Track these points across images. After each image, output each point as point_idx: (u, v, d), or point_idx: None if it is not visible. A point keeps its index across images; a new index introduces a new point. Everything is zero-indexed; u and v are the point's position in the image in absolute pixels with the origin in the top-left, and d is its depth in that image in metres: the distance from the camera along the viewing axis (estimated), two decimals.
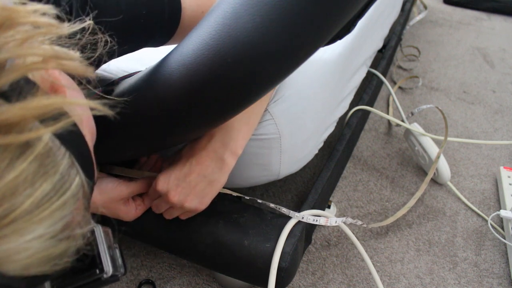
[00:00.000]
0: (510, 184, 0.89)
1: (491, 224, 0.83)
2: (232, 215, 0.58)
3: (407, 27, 1.44)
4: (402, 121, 0.98)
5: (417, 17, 1.51)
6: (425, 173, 0.96)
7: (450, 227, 0.84)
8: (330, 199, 0.89)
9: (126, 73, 0.58)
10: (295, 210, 0.59)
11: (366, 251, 0.78)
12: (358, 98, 0.92)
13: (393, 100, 1.12)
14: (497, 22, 1.68)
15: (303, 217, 0.58)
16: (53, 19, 0.27)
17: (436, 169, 0.89)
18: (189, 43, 0.39)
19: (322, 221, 0.59)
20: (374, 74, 1.02)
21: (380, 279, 0.71)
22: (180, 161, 0.49)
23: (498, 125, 1.13)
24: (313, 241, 0.81)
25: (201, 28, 0.39)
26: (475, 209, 0.87)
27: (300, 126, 0.58)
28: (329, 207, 0.85)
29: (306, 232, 0.61)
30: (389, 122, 1.12)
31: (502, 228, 0.83)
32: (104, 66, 0.61)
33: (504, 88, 1.27)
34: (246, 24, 0.35)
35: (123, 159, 0.56)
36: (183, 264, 0.77)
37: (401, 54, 1.42)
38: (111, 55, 0.38)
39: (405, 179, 0.95)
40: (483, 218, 0.86)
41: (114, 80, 0.52)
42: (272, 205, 0.59)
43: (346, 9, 0.37)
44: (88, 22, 0.33)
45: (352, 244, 0.80)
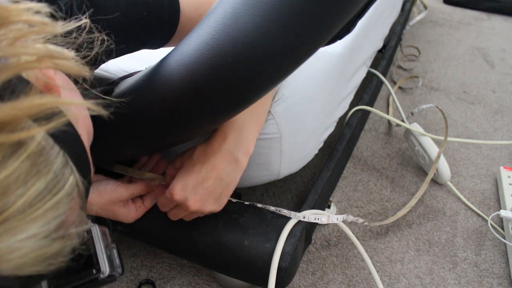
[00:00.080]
0: (510, 184, 0.89)
1: (491, 224, 0.83)
2: (232, 215, 0.58)
3: (407, 27, 1.44)
4: (402, 121, 0.98)
5: (417, 17, 1.51)
6: (425, 173, 0.96)
7: (450, 227, 0.84)
8: (330, 199, 0.89)
9: (126, 73, 0.58)
10: (295, 210, 0.59)
11: (366, 251, 0.78)
12: (358, 98, 0.92)
13: (393, 100, 1.12)
14: (497, 22, 1.68)
15: (304, 217, 0.58)
16: (47, 18, 0.26)
17: (436, 169, 0.89)
18: (189, 43, 0.39)
19: (324, 219, 0.59)
20: (374, 74, 1.02)
21: (380, 279, 0.71)
22: (195, 167, 0.48)
23: (498, 125, 1.13)
24: (313, 241, 0.81)
25: (201, 28, 0.39)
26: (475, 209, 0.87)
27: (300, 126, 0.58)
28: (329, 207, 0.85)
29: (306, 232, 0.61)
30: (389, 122, 1.12)
31: (502, 228, 0.83)
32: (104, 66, 0.61)
33: (504, 88, 1.27)
34: (246, 24, 0.35)
35: (123, 159, 0.56)
36: (183, 264, 0.77)
37: (401, 54, 1.42)
38: (109, 55, 0.38)
39: (405, 179, 0.95)
40: (483, 218, 0.86)
41: (114, 80, 0.52)
42: (273, 208, 0.59)
43: (346, 9, 0.37)
44: (84, 21, 0.33)
45: (352, 244, 0.80)
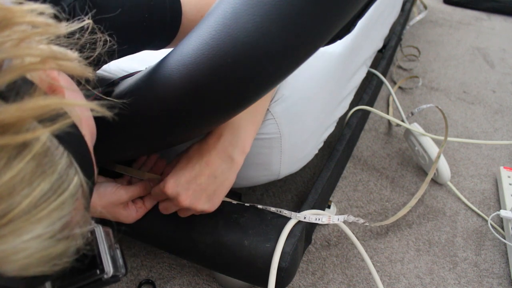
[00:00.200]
0: (510, 184, 0.89)
1: (491, 224, 0.83)
2: (232, 215, 0.58)
3: (407, 27, 1.44)
4: (402, 121, 0.98)
5: (417, 17, 1.51)
6: (425, 173, 0.96)
7: (450, 227, 0.84)
8: (330, 199, 0.89)
9: (126, 73, 0.58)
10: (295, 210, 0.59)
11: (366, 251, 0.78)
12: (358, 98, 0.92)
13: (393, 100, 1.12)
14: (497, 22, 1.68)
15: (305, 217, 0.58)
16: (51, 19, 0.27)
17: (436, 169, 0.89)
18: (189, 43, 0.39)
19: (325, 219, 0.59)
20: (374, 74, 1.02)
21: (380, 279, 0.71)
22: (189, 163, 0.48)
23: (498, 125, 1.13)
24: (313, 241, 0.81)
25: (201, 28, 0.39)
26: (475, 209, 0.87)
27: (300, 126, 0.58)
28: (329, 207, 0.85)
29: (306, 232, 0.61)
30: (389, 122, 1.12)
31: (502, 228, 0.83)
32: (105, 66, 0.61)
33: (504, 88, 1.27)
34: (246, 24, 0.35)
35: (124, 159, 0.56)
36: (183, 264, 0.77)
37: (401, 54, 1.42)
38: (111, 55, 0.38)
39: (405, 179, 0.95)
40: (483, 218, 0.86)
41: (114, 80, 0.52)
42: (273, 209, 0.59)
43: (346, 9, 0.37)
44: (87, 22, 0.33)
45: (352, 244, 0.80)
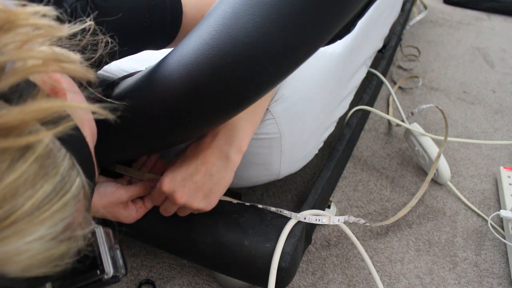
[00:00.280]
0: (510, 184, 0.89)
1: (491, 224, 0.83)
2: (232, 215, 0.58)
3: (407, 27, 1.44)
4: (402, 121, 0.98)
5: (417, 17, 1.51)
6: (425, 173, 0.96)
7: (450, 227, 0.84)
8: (330, 199, 0.89)
9: (126, 73, 0.58)
10: (295, 210, 0.59)
11: (366, 251, 0.78)
12: (358, 98, 0.92)
13: (393, 100, 1.12)
14: (497, 22, 1.68)
15: (305, 218, 0.58)
16: (53, 21, 0.27)
17: (436, 169, 0.89)
18: (189, 43, 0.39)
19: (325, 220, 0.59)
20: (374, 74, 1.02)
21: (380, 279, 0.71)
22: (186, 161, 0.48)
23: (498, 125, 1.13)
24: (313, 241, 0.81)
25: (201, 28, 0.39)
26: (475, 209, 0.87)
27: (300, 126, 0.58)
28: (329, 207, 0.85)
29: (306, 232, 0.61)
30: (389, 122, 1.12)
31: (502, 228, 0.83)
32: (105, 67, 0.61)
33: (504, 88, 1.27)
34: (246, 24, 0.35)
35: (124, 159, 0.56)
36: (183, 264, 0.77)
37: (401, 54, 1.42)
38: (112, 56, 0.38)
39: (405, 179, 0.95)
40: (483, 218, 0.86)
41: (114, 80, 0.52)
42: (274, 209, 0.59)
43: (346, 9, 0.37)
44: (89, 23, 0.33)
45: (352, 244, 0.80)
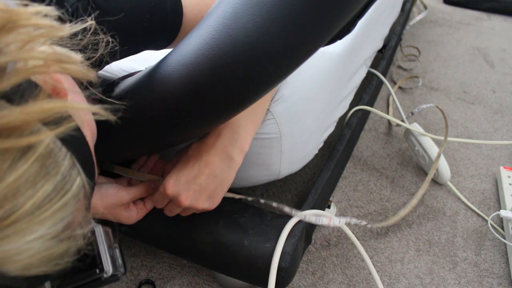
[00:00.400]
0: (510, 184, 0.89)
1: (491, 224, 0.83)
2: (232, 215, 0.58)
3: (407, 27, 1.44)
4: (402, 121, 0.98)
5: (417, 17, 1.51)
6: (425, 173, 0.96)
7: (450, 227, 0.84)
8: (330, 199, 0.89)
9: (126, 73, 0.58)
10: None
11: (366, 251, 0.78)
12: (358, 98, 0.92)
13: (393, 100, 1.12)
14: (497, 22, 1.68)
15: (305, 216, 0.58)
16: (55, 21, 0.27)
17: (436, 169, 0.89)
18: (189, 43, 0.39)
19: (325, 221, 0.59)
20: (374, 74, 1.02)
21: (380, 279, 0.71)
22: (189, 163, 0.48)
23: (498, 125, 1.13)
24: (313, 241, 0.81)
25: (201, 28, 0.39)
26: (475, 209, 0.87)
27: (300, 126, 0.58)
28: (329, 207, 0.85)
29: (306, 232, 0.61)
30: (389, 122, 1.12)
31: (502, 228, 0.83)
32: (105, 67, 0.61)
33: (504, 88, 1.27)
34: (246, 24, 0.35)
35: (123, 159, 0.56)
36: (183, 264, 0.77)
37: (401, 54, 1.42)
38: (113, 56, 0.38)
39: (405, 179, 0.95)
40: (483, 218, 0.86)
41: (114, 80, 0.52)
42: (275, 204, 0.59)
43: (346, 9, 0.37)
44: (90, 23, 0.33)
45: (352, 244, 0.80)
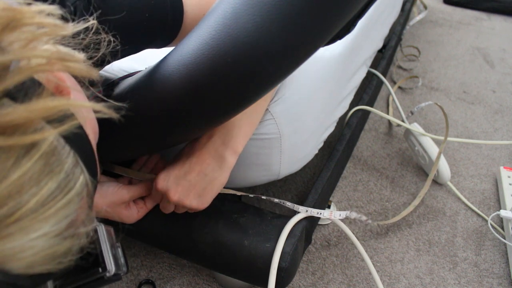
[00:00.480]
0: (510, 184, 0.90)
1: (491, 224, 0.83)
2: (232, 215, 0.58)
3: (407, 27, 1.44)
4: (402, 121, 0.98)
5: (417, 17, 1.51)
6: (425, 173, 0.96)
7: (450, 227, 0.84)
8: (330, 199, 0.89)
9: (126, 73, 0.58)
10: (296, 211, 0.59)
11: (366, 251, 0.78)
12: (358, 98, 0.92)
13: (393, 100, 1.12)
14: (497, 22, 1.68)
15: (307, 210, 0.58)
16: (58, 20, 0.27)
17: (436, 169, 0.89)
18: (189, 43, 0.39)
19: (326, 214, 0.60)
20: (374, 74, 1.02)
21: (380, 279, 0.71)
22: (180, 160, 0.49)
23: (498, 125, 1.13)
24: (313, 241, 0.81)
25: (201, 28, 0.39)
26: (475, 209, 0.87)
27: (300, 126, 0.58)
28: (329, 207, 0.85)
29: (306, 232, 0.61)
30: (389, 122, 1.12)
31: (502, 228, 0.83)
32: (106, 67, 0.61)
33: (504, 88, 1.27)
34: (246, 24, 0.35)
35: (124, 159, 0.56)
36: (183, 264, 0.77)
37: (401, 54, 1.42)
38: (114, 55, 0.38)
39: (405, 179, 0.95)
40: (483, 218, 0.86)
41: (114, 80, 0.52)
42: (276, 200, 0.60)
43: (346, 9, 0.37)
44: (92, 22, 0.33)
45: (352, 244, 0.80)
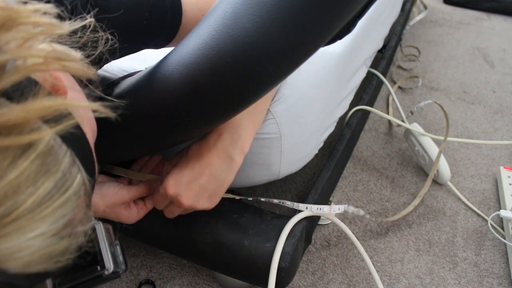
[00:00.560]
0: (510, 184, 0.89)
1: (491, 224, 0.83)
2: (232, 215, 0.58)
3: (407, 27, 1.44)
4: (402, 121, 0.98)
5: (417, 17, 1.51)
6: (425, 173, 0.96)
7: (450, 227, 0.84)
8: (330, 199, 0.89)
9: (126, 73, 0.58)
10: (296, 210, 0.59)
11: (366, 251, 0.78)
12: (358, 98, 0.92)
13: (393, 100, 1.12)
14: (497, 22, 1.68)
15: (307, 207, 0.59)
16: (54, 19, 0.27)
17: (436, 169, 0.89)
18: (189, 43, 0.39)
19: (326, 209, 0.60)
20: (374, 74, 1.02)
21: (380, 279, 0.71)
22: (189, 163, 0.48)
23: (498, 125, 1.13)
24: (313, 241, 0.81)
25: (201, 28, 0.39)
26: (475, 209, 0.87)
27: (300, 126, 0.58)
28: (330, 206, 0.85)
29: (306, 232, 0.61)
30: (389, 122, 1.12)
31: (502, 228, 0.83)
32: (105, 66, 0.61)
33: (504, 88, 1.27)
34: (246, 24, 0.35)
35: (124, 159, 0.56)
36: (183, 264, 0.77)
37: (401, 54, 1.42)
38: (113, 54, 0.38)
39: (405, 179, 0.95)
40: (483, 218, 0.86)
41: (114, 80, 0.52)
42: (276, 201, 0.60)
43: (346, 9, 0.37)
44: (89, 20, 0.33)
45: (352, 244, 0.80)
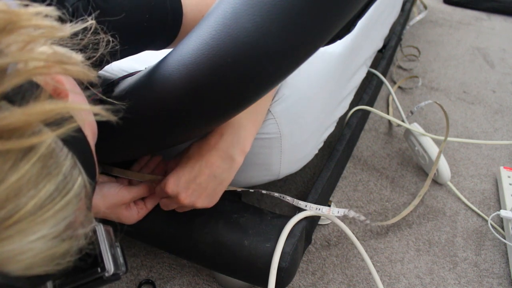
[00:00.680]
0: (510, 184, 0.90)
1: (491, 224, 0.83)
2: (232, 215, 0.58)
3: (407, 27, 1.44)
4: (402, 121, 0.98)
5: (417, 17, 1.51)
6: (425, 173, 0.96)
7: (450, 227, 0.84)
8: (330, 199, 0.89)
9: (126, 73, 0.58)
10: (296, 211, 0.59)
11: (366, 251, 0.78)
12: (358, 98, 0.92)
13: (393, 100, 1.12)
14: (497, 22, 1.68)
15: (306, 205, 0.59)
16: (55, 21, 0.27)
17: (436, 169, 0.89)
18: (189, 43, 0.39)
19: (325, 210, 0.60)
20: (374, 74, 1.02)
21: (380, 279, 0.71)
22: (189, 162, 0.48)
23: (498, 125, 1.13)
24: (313, 241, 0.81)
25: (201, 28, 0.39)
26: (475, 209, 0.87)
27: (300, 126, 0.58)
28: (329, 207, 0.85)
29: (306, 232, 0.61)
30: (389, 122, 1.12)
31: (502, 228, 0.83)
32: (106, 67, 0.61)
33: (504, 88, 1.27)
34: (246, 24, 0.35)
35: (124, 159, 0.56)
36: (183, 264, 0.77)
37: (401, 54, 1.42)
38: (113, 56, 0.38)
39: (405, 179, 0.95)
40: (483, 218, 0.86)
41: (114, 80, 0.52)
42: (277, 194, 0.60)
43: (346, 9, 0.37)
44: (90, 22, 0.33)
45: (352, 244, 0.80)
